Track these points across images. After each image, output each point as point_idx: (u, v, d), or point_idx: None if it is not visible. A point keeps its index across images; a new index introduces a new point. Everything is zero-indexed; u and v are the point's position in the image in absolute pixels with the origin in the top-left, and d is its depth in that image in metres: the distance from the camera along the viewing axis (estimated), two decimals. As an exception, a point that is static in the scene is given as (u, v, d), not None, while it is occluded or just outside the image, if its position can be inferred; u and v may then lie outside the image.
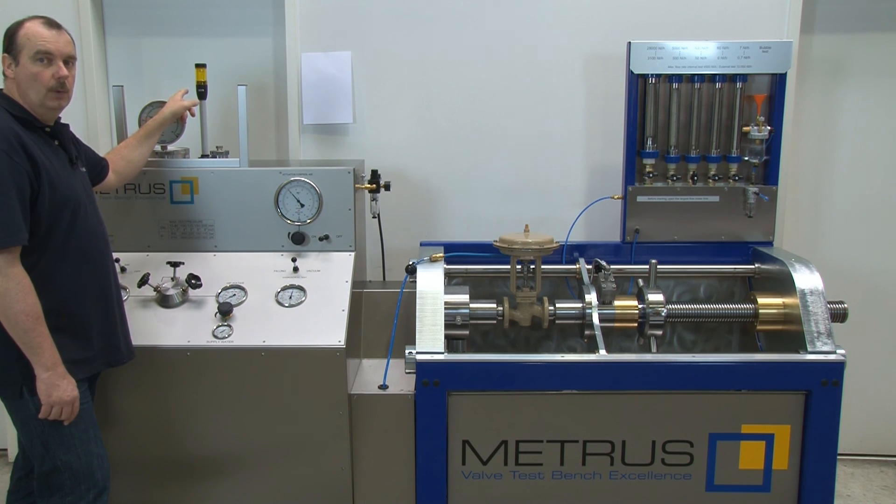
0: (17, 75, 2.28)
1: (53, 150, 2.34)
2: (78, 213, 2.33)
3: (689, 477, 2.79)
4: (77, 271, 2.33)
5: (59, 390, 2.24)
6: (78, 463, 2.35)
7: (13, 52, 2.28)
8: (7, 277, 2.13)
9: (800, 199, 3.79)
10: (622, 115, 3.33)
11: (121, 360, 2.54)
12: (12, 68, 2.28)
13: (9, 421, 3.89)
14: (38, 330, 2.18)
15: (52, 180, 2.24)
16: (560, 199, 3.73)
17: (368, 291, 3.22)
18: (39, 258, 2.25)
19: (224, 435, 2.79)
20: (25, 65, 2.27)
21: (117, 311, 2.51)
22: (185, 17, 3.75)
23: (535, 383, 2.74)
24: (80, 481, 2.35)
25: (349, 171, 3.04)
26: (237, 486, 2.83)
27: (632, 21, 3.58)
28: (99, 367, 2.46)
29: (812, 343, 2.77)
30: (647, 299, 3.03)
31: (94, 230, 2.42)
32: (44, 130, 2.33)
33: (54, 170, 2.27)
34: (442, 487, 2.78)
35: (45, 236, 2.25)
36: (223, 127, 3.68)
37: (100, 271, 2.42)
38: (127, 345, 2.57)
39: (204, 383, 2.75)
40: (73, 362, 2.31)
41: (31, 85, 2.28)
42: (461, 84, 3.69)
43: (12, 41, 2.28)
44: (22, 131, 2.23)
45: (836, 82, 3.72)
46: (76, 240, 2.32)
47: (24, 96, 2.30)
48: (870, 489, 3.70)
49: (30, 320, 2.16)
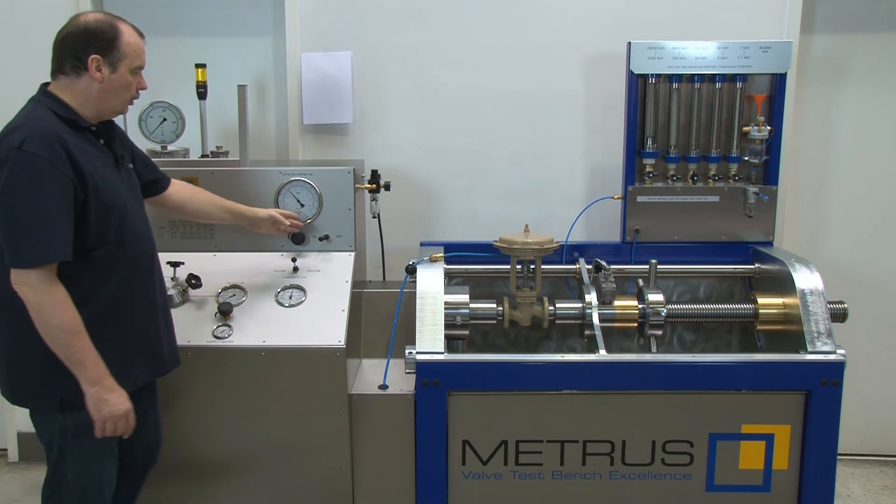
0: (108, 81, 2.18)
1: (99, 149, 2.24)
2: (125, 218, 2.22)
3: (689, 477, 2.78)
4: (123, 280, 2.23)
5: (109, 405, 2.13)
6: (90, 479, 2.27)
7: (112, 58, 2.17)
8: (39, 292, 2.03)
9: (800, 199, 3.79)
10: (622, 115, 3.33)
11: (164, 369, 2.45)
12: (103, 72, 2.17)
13: (9, 421, 3.93)
14: (78, 345, 2.07)
15: (98, 185, 2.14)
16: (560, 199, 3.73)
17: (368, 291, 3.22)
18: (86, 268, 2.14)
19: (224, 435, 2.79)
20: (123, 74, 2.20)
21: (162, 318, 2.40)
22: (185, 17, 3.76)
23: (535, 383, 2.74)
24: (87, 496, 2.28)
25: (349, 171, 3.04)
26: (237, 486, 2.83)
27: (632, 21, 3.58)
28: (143, 378, 2.36)
29: (812, 343, 2.77)
30: (647, 299, 3.03)
31: (141, 234, 2.32)
32: (89, 130, 2.23)
33: (99, 174, 2.16)
34: (442, 487, 2.78)
35: (92, 245, 2.14)
36: (223, 127, 3.68)
37: (146, 277, 2.32)
38: (171, 351, 2.47)
39: (204, 383, 2.75)
40: (118, 375, 2.19)
41: (119, 93, 2.22)
42: (461, 84, 3.69)
43: (113, 46, 2.17)
44: (66, 133, 2.12)
45: (836, 82, 3.71)
46: (124, 247, 2.22)
47: (101, 101, 2.20)
48: (870, 489, 3.70)
49: (67, 335, 2.06)
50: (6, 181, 2.02)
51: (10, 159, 2.02)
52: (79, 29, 2.17)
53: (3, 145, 2.06)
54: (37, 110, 2.16)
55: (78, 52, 2.15)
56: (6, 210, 2.03)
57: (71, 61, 2.17)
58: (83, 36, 2.16)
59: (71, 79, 2.18)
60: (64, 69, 2.18)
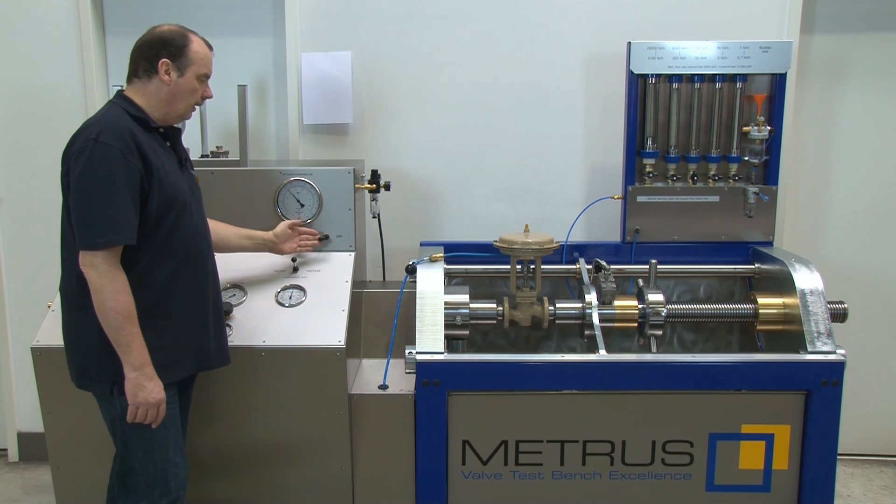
0: (175, 84, 2.34)
1: (165, 150, 2.38)
2: (184, 213, 2.35)
3: (689, 477, 2.79)
4: (176, 272, 2.34)
5: (146, 391, 2.23)
6: (154, 468, 2.35)
7: (180, 63, 2.34)
8: (103, 274, 2.17)
9: (800, 199, 3.79)
10: (622, 115, 3.33)
11: (210, 364, 2.50)
12: (171, 76, 2.34)
13: (9, 421, 3.93)
14: (128, 329, 2.19)
15: (162, 179, 2.28)
16: (560, 199, 3.73)
17: (368, 291, 3.22)
18: (142, 256, 2.27)
19: (224, 435, 2.79)
20: (190, 79, 2.36)
21: (212, 315, 2.47)
22: (185, 17, 3.73)
23: (535, 383, 2.74)
24: (153, 486, 2.36)
25: (349, 171, 3.04)
26: (237, 486, 2.83)
27: (632, 21, 3.58)
28: (189, 370, 2.44)
29: (812, 343, 2.77)
30: (647, 299, 3.03)
31: (198, 231, 2.43)
32: (157, 132, 2.38)
33: (164, 170, 2.30)
34: (442, 487, 2.78)
35: (149, 235, 2.27)
36: (223, 127, 3.69)
37: (198, 273, 2.41)
38: (219, 349, 2.53)
39: (204, 383, 2.74)
40: (164, 365, 2.30)
41: (185, 98, 2.38)
42: (461, 84, 3.69)
43: (182, 53, 2.34)
44: (138, 130, 2.27)
45: (836, 82, 3.71)
46: (178, 240, 2.34)
47: (169, 104, 2.36)
48: (870, 489, 3.70)
49: (120, 318, 2.18)
50: (83, 168, 2.18)
51: (88, 149, 2.18)
52: (153, 36, 2.37)
53: (81, 137, 2.22)
54: (112, 109, 2.32)
55: (150, 56, 2.34)
56: (82, 195, 2.19)
57: (144, 65, 2.35)
58: (156, 42, 2.36)
59: (143, 82, 2.36)
60: (138, 73, 2.37)
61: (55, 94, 3.67)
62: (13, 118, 3.70)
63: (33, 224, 3.76)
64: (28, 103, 3.69)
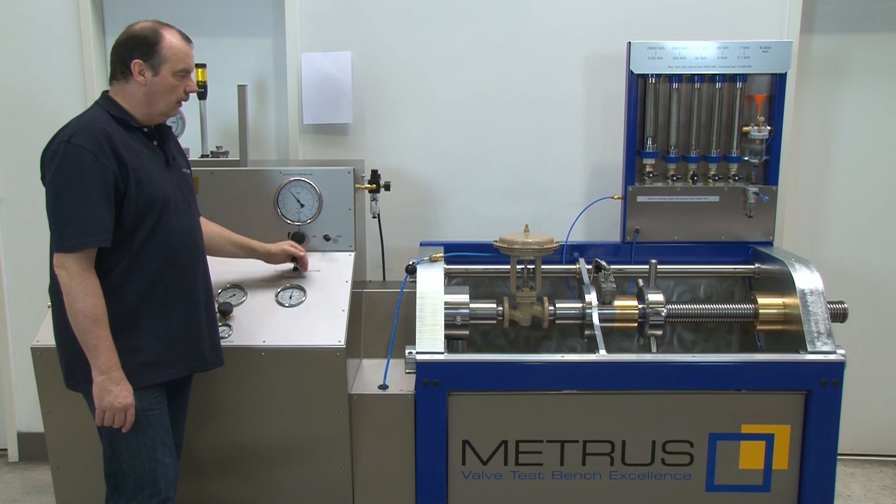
0: (151, 84, 2.30)
1: (150, 149, 2.35)
2: (165, 213, 2.32)
3: (689, 477, 2.79)
4: (160, 272, 2.32)
5: (111, 396, 2.21)
6: (142, 469, 2.33)
7: (153, 61, 2.29)
8: (72, 276, 2.16)
9: (800, 199, 3.79)
10: (622, 115, 3.33)
11: (204, 365, 2.49)
12: (146, 76, 2.30)
13: (9, 421, 3.93)
14: (95, 332, 2.18)
15: (141, 179, 2.25)
16: (560, 199, 3.73)
17: (368, 291, 3.22)
18: (123, 256, 2.25)
19: (224, 435, 2.79)
20: (166, 77, 2.31)
21: (204, 315, 2.45)
22: (185, 17, 3.74)
23: (535, 383, 2.74)
24: (142, 487, 2.34)
25: (349, 171, 3.04)
26: (237, 486, 2.83)
27: (632, 21, 3.58)
28: (179, 372, 2.41)
29: (812, 343, 2.77)
30: (647, 299, 3.03)
31: (186, 231, 2.40)
32: (141, 131, 2.35)
33: (144, 169, 2.28)
34: (442, 487, 2.78)
35: (128, 237, 2.25)
36: (223, 127, 3.69)
37: (185, 273, 2.39)
38: (213, 349, 2.51)
39: (204, 383, 2.74)
40: (149, 365, 2.30)
41: (164, 96, 2.33)
42: (461, 84, 3.69)
43: (154, 51, 2.29)
44: (116, 131, 2.25)
45: (836, 82, 3.71)
46: (162, 240, 2.31)
47: (149, 103, 2.32)
48: (870, 489, 3.70)
49: (88, 321, 2.17)
50: (55, 171, 2.18)
51: (60, 151, 2.19)
52: (126, 36, 2.33)
53: (56, 139, 2.23)
54: (92, 111, 2.33)
55: (124, 57, 2.31)
56: (53, 197, 2.19)
57: (119, 67, 2.32)
58: (128, 42, 2.31)
59: (121, 83, 2.34)
60: (115, 75, 2.34)
61: (55, 94, 3.68)
62: (13, 118, 3.71)
63: (33, 224, 3.75)
64: (28, 103, 3.69)
